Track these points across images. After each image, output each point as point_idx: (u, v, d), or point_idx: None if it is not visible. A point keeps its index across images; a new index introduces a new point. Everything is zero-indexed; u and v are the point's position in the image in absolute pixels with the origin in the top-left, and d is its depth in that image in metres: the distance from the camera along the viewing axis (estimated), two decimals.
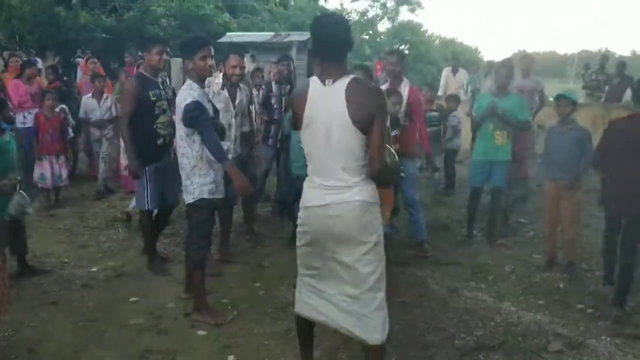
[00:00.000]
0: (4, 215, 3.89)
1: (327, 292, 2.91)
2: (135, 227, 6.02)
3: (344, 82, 2.72)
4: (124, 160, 7.22)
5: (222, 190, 4.01)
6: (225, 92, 4.97)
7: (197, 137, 3.81)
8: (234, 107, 4.99)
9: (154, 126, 4.66)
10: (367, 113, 2.70)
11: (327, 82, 2.74)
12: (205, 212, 3.96)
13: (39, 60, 11.71)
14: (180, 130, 3.87)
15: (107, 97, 7.75)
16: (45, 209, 6.74)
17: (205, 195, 3.89)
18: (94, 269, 4.95)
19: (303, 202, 2.91)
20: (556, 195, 5.00)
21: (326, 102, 2.73)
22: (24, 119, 7.24)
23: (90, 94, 7.77)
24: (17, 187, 3.79)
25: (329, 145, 2.74)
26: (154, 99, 4.65)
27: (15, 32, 18.34)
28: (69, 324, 3.92)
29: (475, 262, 5.26)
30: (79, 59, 12.28)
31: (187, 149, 3.86)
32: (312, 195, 2.85)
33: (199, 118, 3.76)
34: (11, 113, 5.50)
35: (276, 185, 6.99)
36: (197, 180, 3.88)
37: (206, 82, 4.92)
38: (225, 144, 4.84)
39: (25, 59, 9.59)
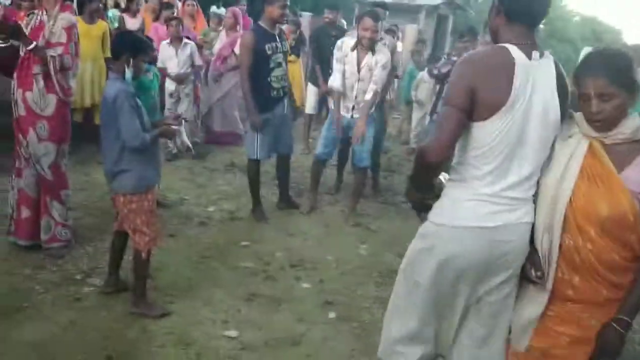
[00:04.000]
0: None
1: (447, 339, 2.31)
2: None
3: (550, 61, 2.09)
4: None
5: None
6: (354, 54, 4.96)
7: None
8: (359, 71, 4.97)
9: (269, 79, 4.81)
10: (566, 106, 2.12)
11: (533, 55, 2.03)
12: None
13: (179, 2, 12.11)
14: None
15: (185, 44, 6.56)
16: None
17: None
18: (211, 209, 5.19)
19: (451, 219, 2.14)
20: None
21: (533, 85, 2.02)
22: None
23: (168, 40, 6.65)
24: (180, 123, 3.63)
25: (522, 142, 2.05)
26: (269, 52, 4.76)
27: None
28: (184, 257, 4.16)
29: None
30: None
31: None
32: (471, 210, 2.10)
33: None
34: (155, 54, 5.73)
35: None
36: None
37: (339, 44, 5.02)
38: (348, 104, 5.04)
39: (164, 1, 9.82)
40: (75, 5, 3.96)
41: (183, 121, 3.66)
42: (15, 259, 3.86)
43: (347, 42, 5.06)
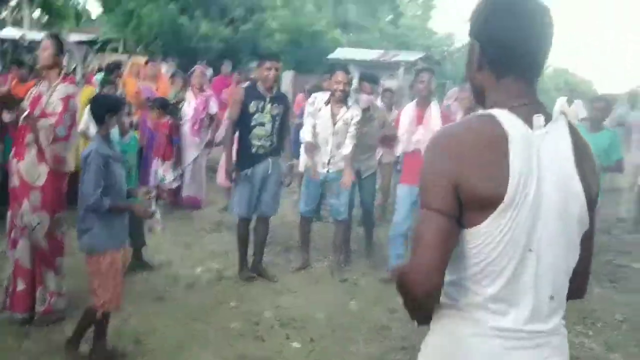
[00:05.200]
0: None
1: None
2: None
3: (561, 126, 1.44)
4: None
5: None
6: (328, 108, 5.10)
7: None
8: (334, 125, 5.09)
9: (248, 136, 4.86)
10: (597, 192, 1.49)
11: (535, 121, 1.39)
12: None
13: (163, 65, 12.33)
14: None
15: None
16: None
17: None
18: (198, 270, 5.15)
19: None
20: None
21: (540, 165, 1.37)
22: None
23: None
24: (155, 202, 3.60)
25: (535, 248, 1.39)
26: (252, 110, 4.82)
27: (142, 38, 19.74)
28: (172, 320, 4.10)
29: (582, 306, 4.95)
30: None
31: None
32: (479, 350, 1.41)
33: None
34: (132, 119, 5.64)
35: None
36: None
37: (311, 99, 5.18)
38: (323, 158, 5.15)
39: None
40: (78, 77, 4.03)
41: (154, 201, 3.59)
42: None
43: (320, 97, 5.22)
